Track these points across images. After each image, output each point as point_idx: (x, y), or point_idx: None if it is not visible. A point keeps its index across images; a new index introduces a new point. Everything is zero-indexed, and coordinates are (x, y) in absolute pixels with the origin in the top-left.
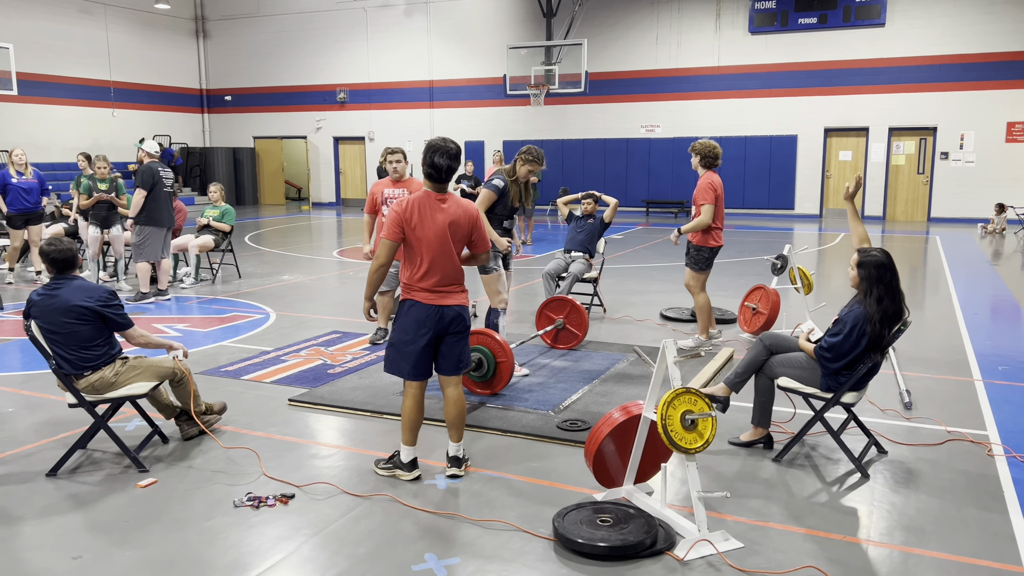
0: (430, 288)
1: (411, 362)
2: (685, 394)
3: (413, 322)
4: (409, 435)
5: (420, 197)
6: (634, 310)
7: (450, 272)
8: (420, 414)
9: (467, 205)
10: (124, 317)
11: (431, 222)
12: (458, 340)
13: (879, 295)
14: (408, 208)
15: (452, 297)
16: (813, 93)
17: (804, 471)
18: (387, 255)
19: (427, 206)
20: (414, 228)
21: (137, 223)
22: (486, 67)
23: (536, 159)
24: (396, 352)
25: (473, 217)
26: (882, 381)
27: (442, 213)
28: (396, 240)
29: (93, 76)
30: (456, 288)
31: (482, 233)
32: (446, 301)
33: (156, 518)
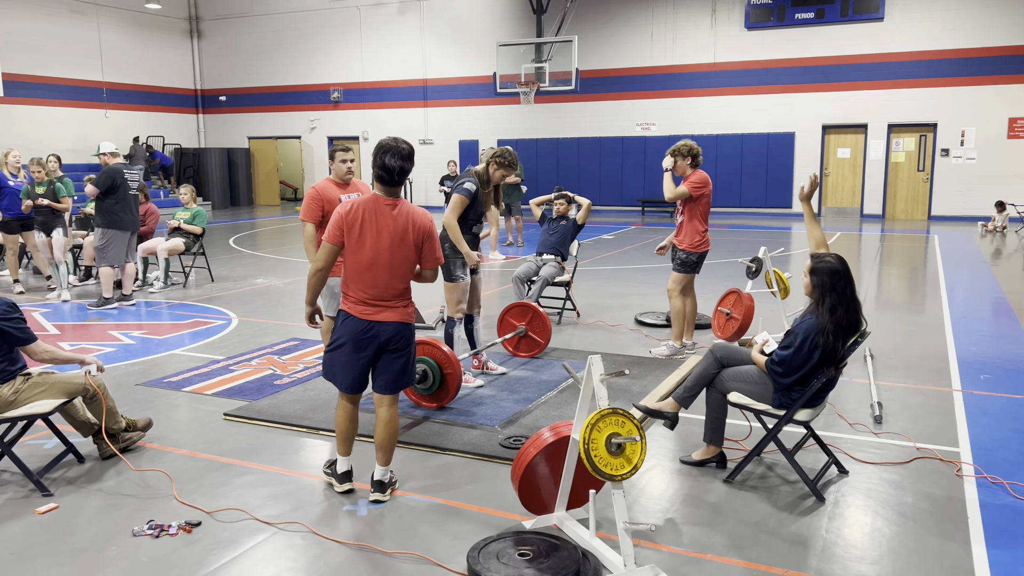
0: (366, 300)
1: (345, 374)
2: (611, 415)
3: (347, 335)
4: (342, 446)
5: (367, 201)
6: (609, 314)
7: (392, 285)
8: (352, 425)
9: (419, 215)
10: (25, 331)
11: (375, 229)
12: (396, 358)
13: (832, 304)
14: (352, 211)
15: (391, 312)
16: (811, 89)
17: (756, 494)
18: (326, 259)
19: (374, 211)
20: (356, 234)
21: (99, 226)
22: (480, 65)
23: (509, 163)
24: (331, 361)
25: (425, 228)
26: (857, 391)
27: (390, 220)
28: (337, 244)
29: (85, 77)
30: (397, 303)
31: (433, 246)
32: (382, 316)
33: (44, 549)
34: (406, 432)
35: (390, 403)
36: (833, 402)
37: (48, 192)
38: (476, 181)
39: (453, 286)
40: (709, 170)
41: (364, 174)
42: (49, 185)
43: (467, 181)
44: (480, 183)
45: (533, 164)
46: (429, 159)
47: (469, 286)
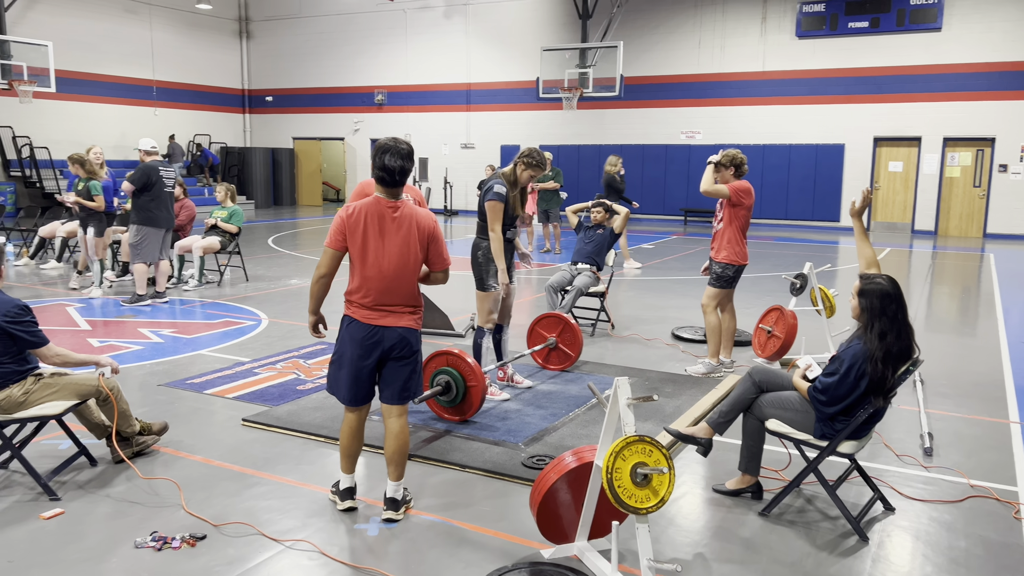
0: (370, 305)
1: (347, 385)
2: (638, 443)
3: (350, 341)
4: (345, 462)
5: (369, 204)
6: (645, 327)
7: (396, 290)
8: (357, 442)
9: (423, 216)
10: (35, 334)
11: (377, 232)
12: (402, 366)
13: (882, 329)
14: (355, 216)
15: (396, 318)
16: (863, 100)
17: (793, 529)
18: (328, 265)
19: (376, 215)
20: (359, 239)
21: (134, 223)
22: (523, 70)
23: (538, 163)
24: (335, 372)
25: (429, 230)
26: (905, 419)
27: (393, 223)
28: (339, 249)
29: (136, 75)
30: (403, 308)
31: (440, 248)
32: (387, 321)
33: (43, 558)
34: (425, 446)
35: (399, 414)
36: (880, 431)
37: (83, 190)
38: (504, 183)
39: (485, 295)
40: (755, 180)
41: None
42: (85, 182)
43: (496, 184)
44: (508, 184)
45: (575, 170)
46: (470, 163)
47: (501, 296)
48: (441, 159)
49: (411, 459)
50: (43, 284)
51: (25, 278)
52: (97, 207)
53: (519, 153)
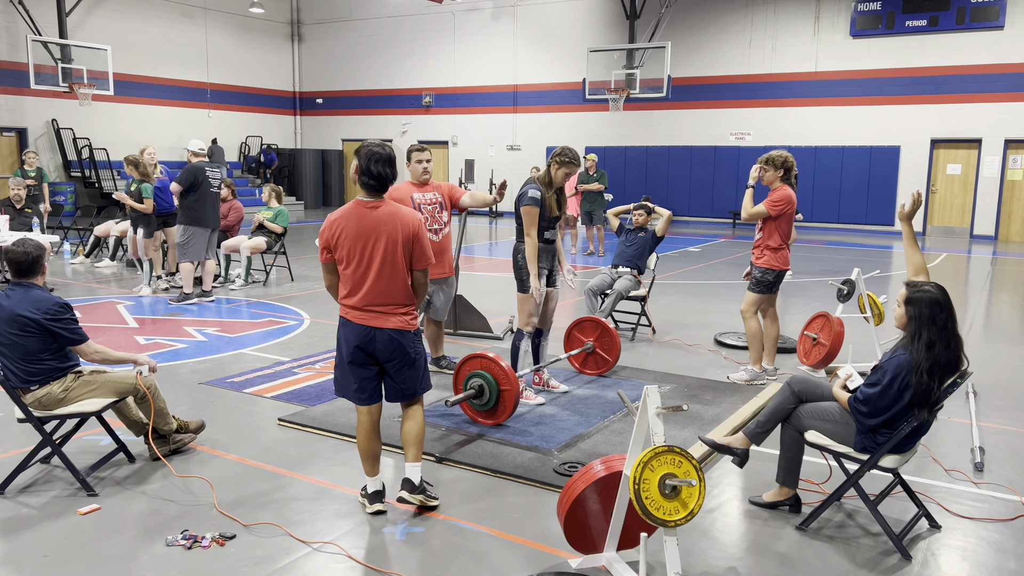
0: (361, 307)
1: (354, 384)
2: (667, 453)
3: (346, 341)
4: (366, 465)
5: (349, 208)
6: (687, 333)
7: (388, 290)
8: (374, 442)
9: (406, 214)
10: (76, 332)
11: (361, 236)
12: (398, 369)
13: (930, 339)
14: (334, 226)
15: (387, 319)
16: (920, 101)
17: (832, 545)
18: (329, 278)
19: (356, 218)
20: (344, 248)
21: (180, 223)
22: (570, 72)
23: (572, 160)
24: (340, 374)
25: (413, 227)
26: (956, 432)
27: (376, 223)
28: (327, 261)
29: (191, 78)
30: (393, 308)
31: (423, 247)
32: (378, 322)
33: (77, 553)
34: (457, 450)
35: (414, 405)
36: (927, 444)
37: (135, 192)
38: (539, 187)
39: (526, 297)
40: (806, 182)
41: (452, 179)
42: (137, 184)
43: (530, 189)
44: (543, 186)
45: (621, 172)
46: (516, 164)
47: (543, 298)
48: (487, 161)
49: (442, 463)
50: (97, 282)
51: (80, 276)
52: (145, 209)
53: (552, 153)
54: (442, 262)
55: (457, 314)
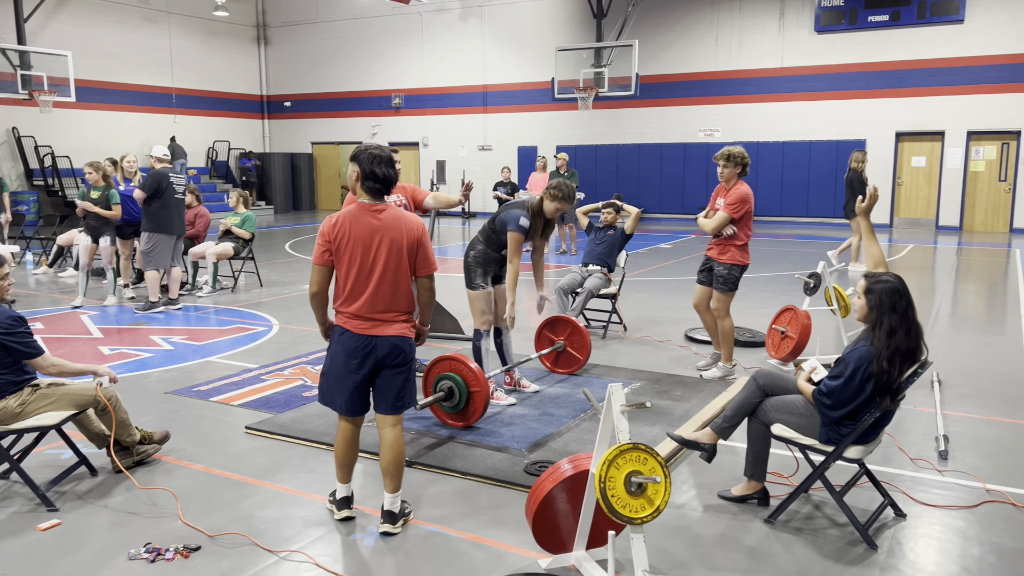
0: (362, 315)
1: (342, 394)
2: (632, 451)
3: (342, 352)
4: (340, 472)
5: (352, 211)
6: (658, 329)
7: (391, 297)
8: (352, 452)
9: (410, 219)
10: (30, 345)
11: (360, 238)
12: (396, 375)
13: (891, 327)
14: (338, 227)
15: (389, 326)
16: (884, 95)
17: (800, 537)
18: (320, 282)
19: (357, 220)
20: (347, 250)
21: (145, 230)
22: (539, 71)
23: (565, 197)
24: (328, 382)
25: (415, 234)
26: (922, 421)
27: (381, 228)
28: (327, 264)
29: (155, 83)
30: (395, 316)
31: (426, 253)
32: (380, 331)
33: (37, 571)
34: (427, 453)
35: (393, 424)
36: (894, 433)
37: (101, 198)
38: (528, 214)
39: (475, 295)
40: (775, 177)
41: (424, 180)
42: (104, 191)
43: (521, 216)
44: (532, 214)
45: (592, 171)
46: (487, 165)
47: (492, 296)
48: (458, 161)
49: (412, 467)
50: (61, 292)
51: (43, 286)
52: (113, 216)
53: (548, 185)
54: None
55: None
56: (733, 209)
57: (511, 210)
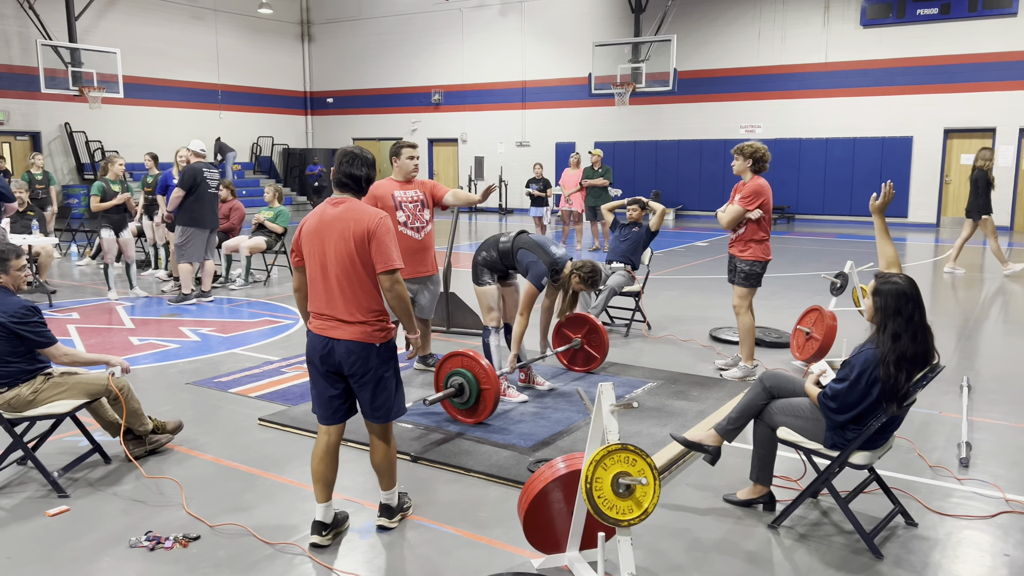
0: (321, 313)
1: (316, 400)
2: (620, 451)
3: (310, 354)
4: (316, 489)
5: (317, 207)
6: (683, 328)
7: (343, 294)
8: (325, 466)
9: (361, 211)
10: (43, 335)
11: (315, 231)
12: (361, 384)
13: (895, 331)
14: (301, 225)
15: (347, 328)
16: (932, 91)
17: (803, 544)
18: (298, 282)
19: (318, 216)
20: (307, 247)
21: (178, 224)
22: (577, 67)
23: (591, 282)
24: (310, 387)
25: (364, 225)
26: (947, 427)
27: (329, 220)
28: (297, 266)
29: (202, 79)
30: (353, 316)
31: (380, 248)
32: (336, 333)
33: (40, 555)
34: (434, 448)
35: (380, 433)
36: (914, 439)
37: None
38: (552, 278)
39: (482, 291)
40: (817, 174)
41: (463, 176)
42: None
43: (545, 275)
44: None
45: (630, 167)
46: (525, 161)
47: (499, 292)
48: (496, 157)
49: (417, 462)
50: (102, 283)
51: (86, 277)
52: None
53: (575, 263)
54: (425, 260)
55: (449, 311)
56: (747, 202)
57: (539, 263)
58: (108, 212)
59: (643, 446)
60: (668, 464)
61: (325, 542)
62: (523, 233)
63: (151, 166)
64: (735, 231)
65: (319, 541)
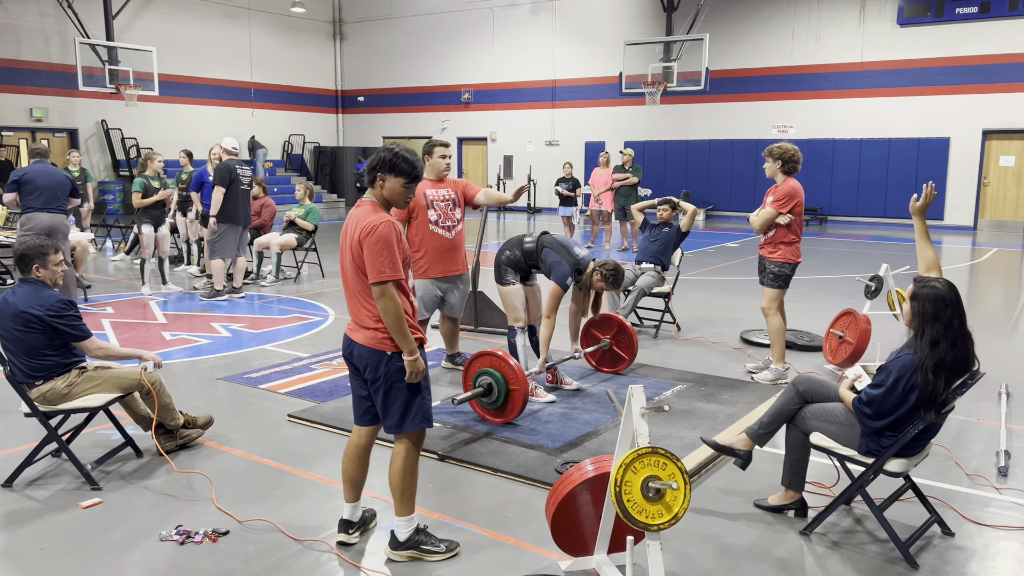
0: (348, 312)
1: (353, 400)
2: (651, 455)
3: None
4: (344, 488)
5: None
6: (713, 330)
7: (355, 299)
8: (353, 466)
9: (366, 216)
10: (78, 328)
11: (343, 234)
12: (375, 390)
13: (934, 337)
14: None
15: (361, 331)
16: (970, 91)
17: (835, 552)
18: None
19: (349, 215)
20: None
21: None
22: (608, 66)
23: (613, 281)
24: None
25: (361, 232)
26: (985, 435)
27: (350, 223)
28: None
29: (235, 77)
30: (365, 322)
31: (371, 258)
32: (355, 334)
33: (73, 547)
34: (461, 448)
35: (397, 442)
36: (951, 447)
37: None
38: (576, 279)
39: (506, 291)
40: (850, 176)
41: (491, 176)
42: (161, 180)
43: (570, 276)
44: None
45: (661, 167)
46: (554, 160)
47: (523, 292)
48: (525, 157)
49: (444, 461)
50: (136, 278)
51: (121, 272)
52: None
53: (597, 262)
54: (456, 259)
55: (478, 311)
56: (779, 205)
57: (563, 263)
58: (148, 208)
59: (672, 449)
60: (698, 468)
61: (352, 540)
62: (546, 234)
63: (185, 163)
64: (765, 233)
65: (346, 539)
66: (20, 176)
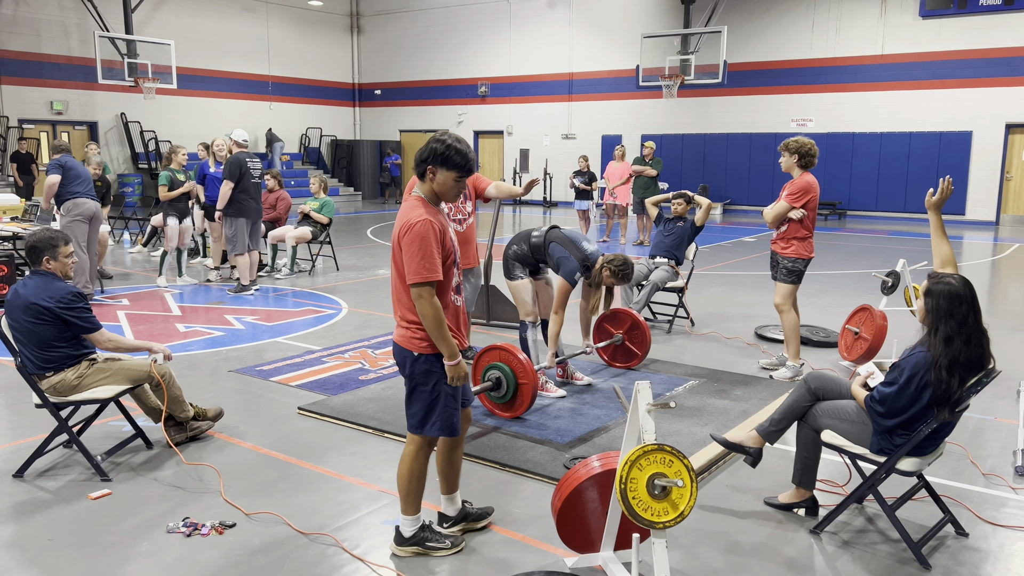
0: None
1: None
2: (657, 452)
3: None
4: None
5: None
6: (728, 325)
7: (393, 295)
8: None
9: (405, 212)
10: (88, 320)
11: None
12: (405, 383)
13: (947, 334)
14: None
15: (397, 329)
16: (994, 84)
17: (846, 551)
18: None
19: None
20: None
21: (226, 215)
22: (625, 59)
23: (623, 276)
24: None
25: (399, 231)
26: (1002, 433)
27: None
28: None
29: (253, 71)
30: (398, 320)
31: (407, 258)
32: (395, 332)
33: (80, 538)
34: (469, 442)
35: (409, 442)
36: (967, 445)
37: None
38: (584, 274)
39: (515, 285)
40: (870, 170)
41: (507, 169)
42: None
43: (578, 271)
44: (585, 274)
45: (678, 160)
46: (571, 153)
47: (533, 287)
48: (542, 150)
49: None
50: (153, 270)
51: (138, 264)
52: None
53: (606, 256)
54: (467, 252)
55: (490, 304)
56: (793, 199)
57: (571, 258)
58: (174, 200)
59: (682, 446)
60: (707, 465)
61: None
62: (555, 228)
63: (204, 156)
64: (778, 228)
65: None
66: (64, 161)
